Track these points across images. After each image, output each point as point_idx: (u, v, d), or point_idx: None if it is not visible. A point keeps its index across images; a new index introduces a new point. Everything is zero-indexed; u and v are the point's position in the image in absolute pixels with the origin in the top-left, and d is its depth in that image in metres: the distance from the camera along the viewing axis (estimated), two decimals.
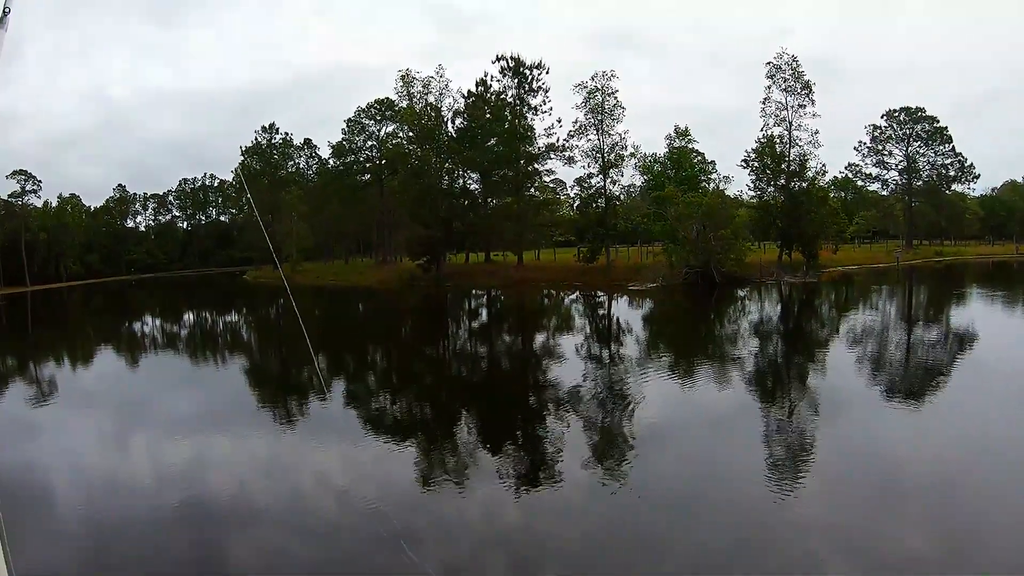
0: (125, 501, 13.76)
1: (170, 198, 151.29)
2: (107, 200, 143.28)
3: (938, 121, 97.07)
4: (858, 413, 17.94)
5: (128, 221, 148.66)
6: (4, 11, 3.59)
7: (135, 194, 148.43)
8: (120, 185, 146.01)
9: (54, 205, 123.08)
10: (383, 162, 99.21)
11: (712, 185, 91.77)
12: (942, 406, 18.52)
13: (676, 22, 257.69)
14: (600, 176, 75.27)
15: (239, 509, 13.25)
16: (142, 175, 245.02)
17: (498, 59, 78.66)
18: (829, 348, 29.82)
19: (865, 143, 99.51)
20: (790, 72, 68.50)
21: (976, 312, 38.35)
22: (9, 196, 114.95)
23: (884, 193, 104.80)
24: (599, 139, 74.31)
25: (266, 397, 24.99)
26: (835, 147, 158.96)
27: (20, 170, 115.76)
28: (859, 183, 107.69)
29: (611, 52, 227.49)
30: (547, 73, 78.50)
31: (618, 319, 45.50)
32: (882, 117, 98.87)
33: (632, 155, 78.68)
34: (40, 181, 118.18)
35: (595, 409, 20.32)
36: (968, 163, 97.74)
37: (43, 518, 12.90)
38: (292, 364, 32.15)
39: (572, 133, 75.90)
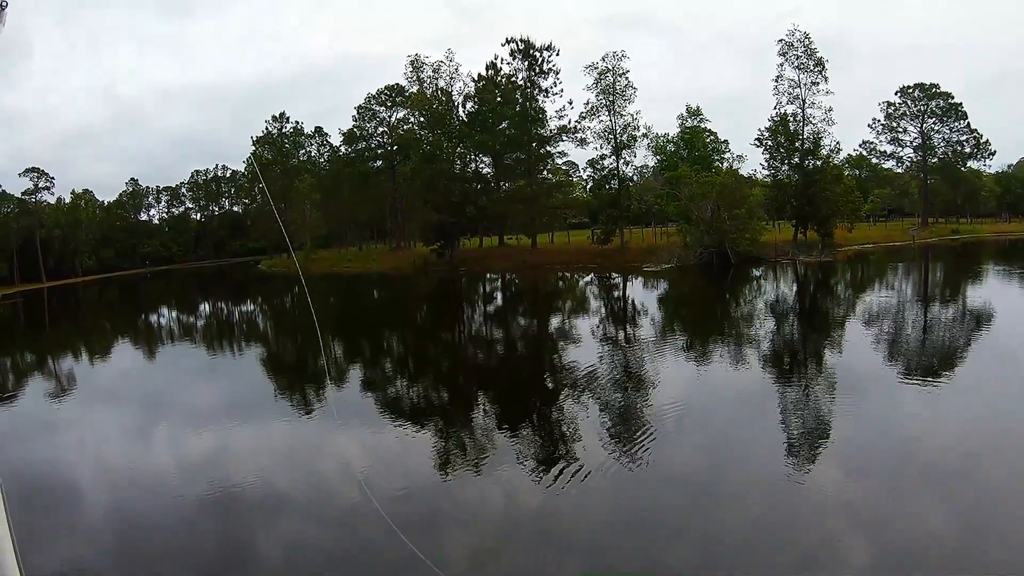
0: (146, 492, 13.81)
1: (183, 190, 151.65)
2: (120, 194, 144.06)
3: (952, 97, 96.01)
4: (876, 393, 17.72)
5: (141, 214, 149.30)
6: (0, 5, 3.43)
7: (148, 187, 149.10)
8: (132, 179, 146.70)
9: (67, 201, 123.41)
10: (395, 148, 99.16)
11: (726, 164, 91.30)
12: (962, 386, 18.19)
13: (681, 3, 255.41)
14: (613, 157, 75.18)
15: (258, 498, 13.22)
16: (153, 170, 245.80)
17: (508, 42, 78.55)
18: (846, 328, 29.49)
19: (879, 120, 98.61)
20: (803, 49, 67.96)
21: (994, 291, 37.91)
22: (23, 193, 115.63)
23: (899, 171, 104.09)
24: (611, 120, 74.21)
25: (281, 386, 25.07)
26: (844, 126, 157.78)
27: (33, 167, 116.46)
28: (874, 161, 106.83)
29: (619, 34, 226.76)
30: (557, 55, 78.52)
31: (633, 300, 45.35)
32: (896, 93, 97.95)
33: (644, 136, 78.41)
34: (53, 178, 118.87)
35: (612, 391, 20.19)
36: (984, 139, 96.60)
37: (67, 509, 12.96)
38: (306, 353, 32.10)
39: (584, 115, 75.98)
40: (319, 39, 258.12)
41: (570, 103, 78.71)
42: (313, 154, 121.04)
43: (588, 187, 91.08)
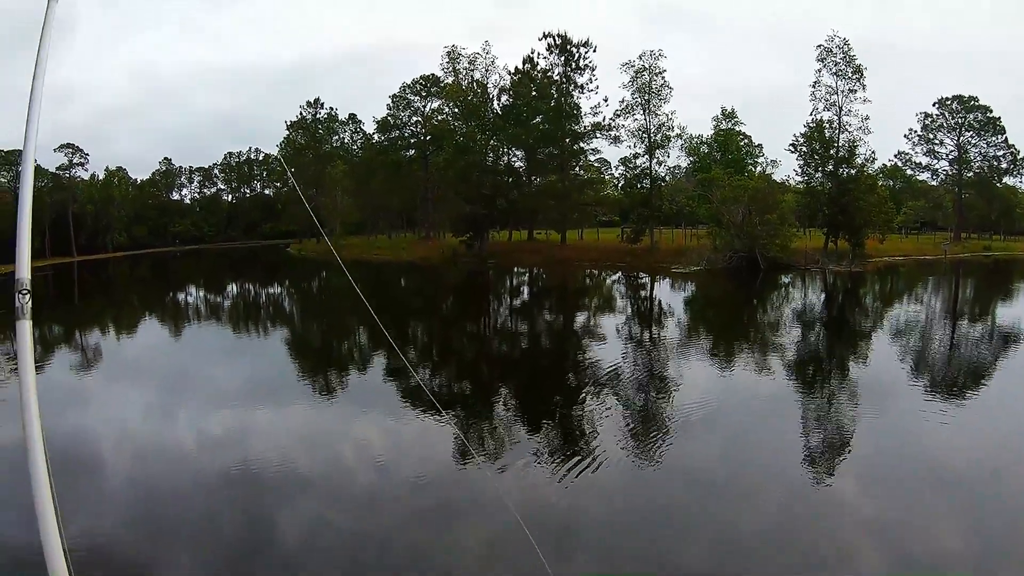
0: (173, 466, 14.23)
1: (215, 171, 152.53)
2: (153, 173, 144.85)
3: (991, 111, 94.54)
4: (899, 406, 17.86)
5: (174, 194, 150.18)
6: None
7: (181, 167, 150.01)
8: (166, 158, 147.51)
9: (101, 178, 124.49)
10: (428, 138, 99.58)
11: (759, 169, 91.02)
12: (988, 403, 18.30)
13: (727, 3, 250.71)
14: (646, 156, 75.04)
15: (289, 476, 13.57)
16: (188, 149, 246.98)
17: (545, 36, 78.83)
18: (872, 340, 29.58)
19: (916, 131, 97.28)
20: (841, 56, 67.59)
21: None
22: (57, 169, 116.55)
23: (934, 183, 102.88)
24: (645, 119, 74.20)
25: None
26: (883, 133, 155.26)
27: (67, 143, 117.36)
28: (908, 172, 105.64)
29: (658, 27, 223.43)
30: (594, 51, 78.69)
31: (661, 301, 45.48)
32: (934, 105, 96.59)
33: (679, 136, 78.28)
34: (87, 154, 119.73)
35: (634, 389, 20.46)
36: (1021, 155, 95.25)
37: (95, 482, 13.30)
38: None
39: (618, 112, 76.17)
40: (356, 24, 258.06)
41: (605, 100, 78.60)
42: (346, 141, 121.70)
43: (620, 185, 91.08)
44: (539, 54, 79.30)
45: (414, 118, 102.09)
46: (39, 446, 2.85)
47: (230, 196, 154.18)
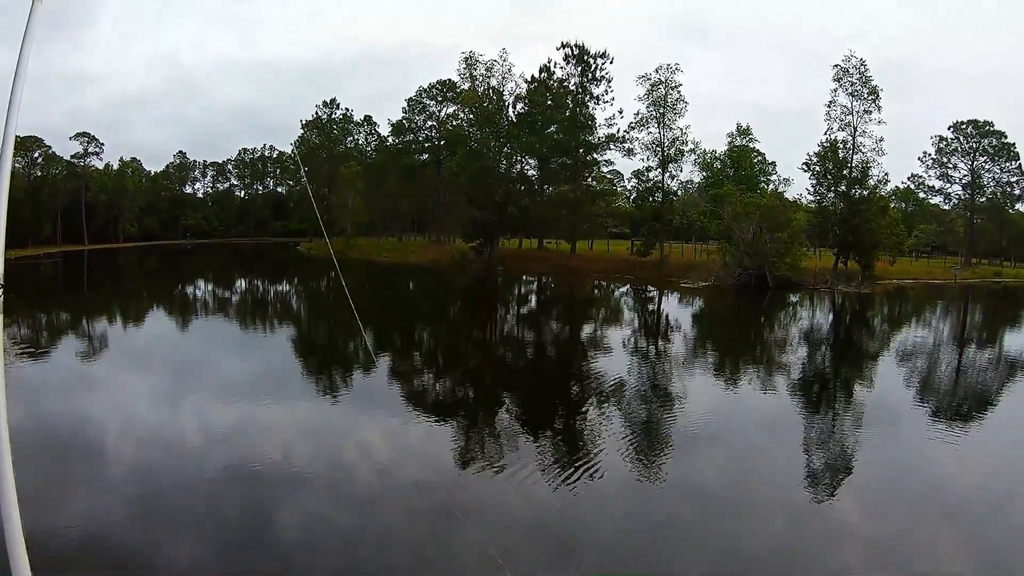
0: (174, 457, 14.17)
1: (229, 166, 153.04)
2: (167, 165, 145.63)
3: (1006, 136, 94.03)
4: (903, 430, 17.83)
5: (187, 187, 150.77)
6: None
7: (195, 161, 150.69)
8: (180, 151, 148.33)
9: (115, 168, 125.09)
10: (442, 143, 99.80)
11: (771, 186, 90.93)
12: (992, 429, 18.23)
13: (747, 13, 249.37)
14: (659, 170, 75.14)
15: (284, 473, 13.51)
16: (203, 143, 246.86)
17: (563, 46, 79.05)
18: (877, 363, 29.51)
19: (930, 154, 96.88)
20: (857, 76, 67.52)
21: None
22: (72, 157, 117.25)
23: (946, 207, 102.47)
24: (660, 132, 74.38)
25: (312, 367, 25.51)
26: (901, 154, 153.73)
27: (83, 132, 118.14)
28: (921, 195, 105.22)
29: (679, 38, 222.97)
30: (611, 63, 78.86)
31: (667, 315, 45.38)
32: (948, 128, 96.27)
33: (692, 151, 78.35)
34: (102, 144, 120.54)
35: (637, 403, 20.41)
36: None
37: (94, 471, 13.28)
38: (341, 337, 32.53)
39: (633, 125, 76.33)
40: (379, 24, 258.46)
41: (620, 112, 78.64)
42: (360, 142, 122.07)
43: (631, 198, 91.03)
44: (556, 63, 79.74)
45: (429, 122, 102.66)
46: (4, 436, 2.81)
47: (242, 192, 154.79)
